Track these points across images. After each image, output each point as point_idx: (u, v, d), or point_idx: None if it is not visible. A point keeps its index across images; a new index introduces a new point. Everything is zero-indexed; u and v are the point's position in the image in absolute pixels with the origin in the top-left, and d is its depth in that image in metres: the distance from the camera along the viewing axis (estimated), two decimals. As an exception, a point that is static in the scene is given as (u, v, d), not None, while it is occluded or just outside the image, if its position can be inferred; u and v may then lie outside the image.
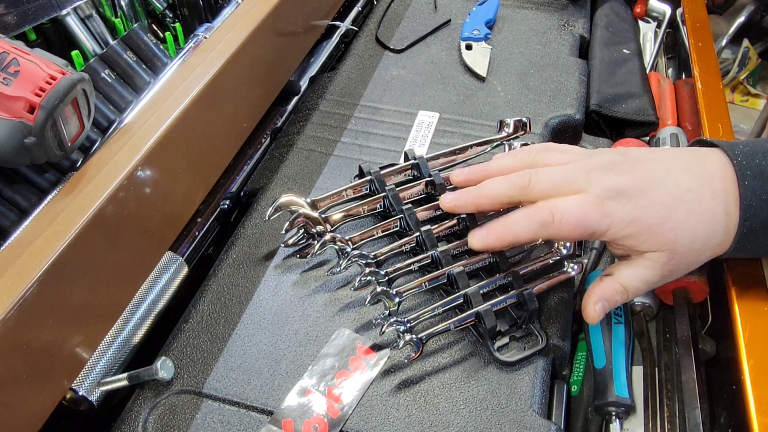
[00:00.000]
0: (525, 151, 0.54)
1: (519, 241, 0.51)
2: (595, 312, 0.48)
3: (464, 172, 0.56)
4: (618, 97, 0.75)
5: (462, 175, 0.56)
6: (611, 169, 0.48)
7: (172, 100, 0.53)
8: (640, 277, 0.48)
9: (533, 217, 0.48)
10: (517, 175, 0.51)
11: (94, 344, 0.47)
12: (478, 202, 0.53)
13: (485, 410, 0.47)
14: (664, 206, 0.46)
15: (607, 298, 0.49)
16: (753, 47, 1.79)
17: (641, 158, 0.50)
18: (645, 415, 0.51)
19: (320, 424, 0.46)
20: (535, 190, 0.49)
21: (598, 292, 0.49)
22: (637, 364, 0.54)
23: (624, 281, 0.49)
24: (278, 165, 0.67)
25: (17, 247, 0.41)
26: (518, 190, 0.50)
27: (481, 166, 0.56)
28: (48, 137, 0.44)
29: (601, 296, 0.49)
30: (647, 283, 0.48)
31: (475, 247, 0.52)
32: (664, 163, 0.49)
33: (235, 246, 0.59)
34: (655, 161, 0.49)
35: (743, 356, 0.45)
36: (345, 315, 0.54)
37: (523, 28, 0.87)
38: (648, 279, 0.48)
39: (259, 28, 0.62)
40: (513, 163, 0.53)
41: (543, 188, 0.49)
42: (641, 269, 0.48)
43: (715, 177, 0.47)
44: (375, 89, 0.76)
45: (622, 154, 0.50)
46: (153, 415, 0.48)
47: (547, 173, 0.50)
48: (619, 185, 0.47)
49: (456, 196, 0.54)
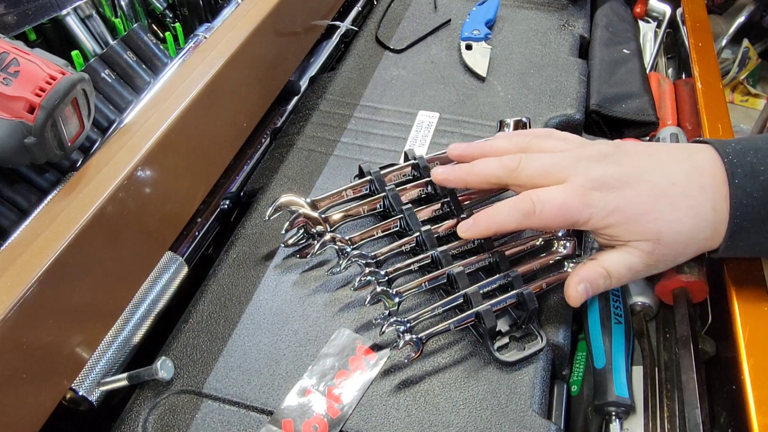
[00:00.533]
0: (523, 134, 0.56)
1: (503, 229, 0.52)
2: (577, 293, 0.49)
3: (461, 147, 0.57)
4: (618, 97, 0.75)
5: (458, 149, 0.57)
6: (600, 160, 0.49)
7: (172, 100, 0.53)
8: (625, 263, 0.48)
9: (516, 207, 0.49)
10: (508, 157, 0.52)
11: (94, 344, 0.47)
12: (468, 178, 0.54)
13: (485, 410, 0.47)
14: (647, 198, 0.47)
15: (590, 280, 0.49)
16: (753, 47, 1.79)
17: (632, 151, 0.51)
18: (645, 415, 0.51)
19: (320, 424, 0.46)
20: (523, 174, 0.50)
21: (581, 274, 0.49)
22: (637, 364, 0.54)
23: (607, 265, 0.49)
24: (278, 165, 0.67)
25: (17, 247, 0.41)
26: (507, 172, 0.51)
27: (478, 144, 0.57)
28: (48, 137, 0.44)
29: (584, 278, 0.49)
30: (631, 270, 0.49)
31: (462, 236, 0.53)
32: (653, 157, 0.50)
33: (235, 246, 0.59)
34: (645, 155, 0.50)
35: (743, 356, 0.45)
36: (345, 315, 0.54)
37: (523, 28, 0.87)
38: (632, 266, 0.48)
39: (259, 28, 0.62)
40: (509, 145, 0.55)
41: (530, 173, 0.50)
42: (625, 255, 0.48)
43: (704, 173, 0.47)
44: (375, 89, 0.76)
45: (614, 146, 0.51)
46: (153, 415, 0.48)
47: (537, 159, 0.51)
48: (603, 176, 0.48)
49: (447, 170, 0.55)
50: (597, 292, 0.49)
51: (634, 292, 0.58)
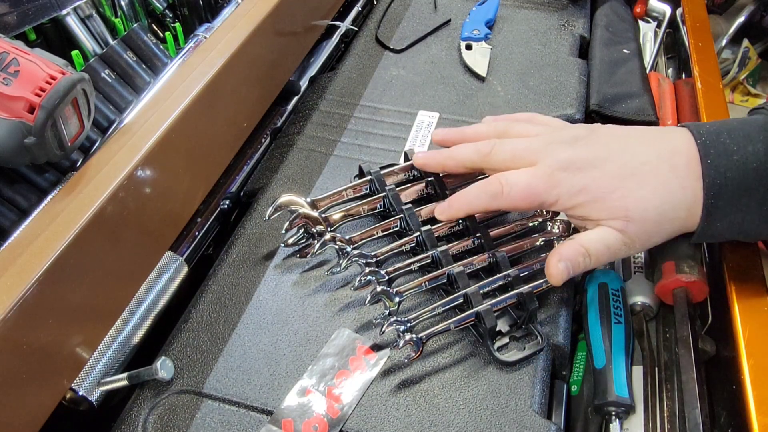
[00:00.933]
0: (503, 119, 0.58)
1: (474, 210, 0.54)
2: (558, 270, 0.49)
3: (443, 132, 0.59)
4: (618, 97, 0.75)
5: (440, 135, 0.59)
6: (572, 143, 0.50)
7: (172, 100, 0.53)
8: (602, 241, 0.49)
9: (485, 188, 0.51)
10: (483, 143, 0.54)
11: (94, 344, 0.47)
12: (446, 163, 0.56)
13: (485, 410, 0.47)
14: (613, 177, 0.48)
15: (570, 258, 0.49)
16: (753, 47, 1.79)
17: (606, 134, 0.52)
18: (645, 415, 0.51)
19: (320, 423, 0.46)
20: (495, 158, 0.52)
21: (561, 252, 0.50)
22: (637, 364, 0.54)
23: (586, 244, 0.49)
24: (278, 165, 0.67)
25: (17, 247, 0.41)
26: (480, 157, 0.53)
27: (458, 129, 0.59)
28: (48, 137, 0.44)
29: (564, 256, 0.49)
30: (609, 249, 0.49)
31: (439, 218, 0.55)
32: (626, 139, 0.51)
33: (235, 246, 0.59)
34: (618, 137, 0.51)
35: (743, 356, 0.45)
36: (345, 315, 0.54)
37: (523, 28, 0.87)
38: (609, 244, 0.49)
39: (259, 28, 0.62)
40: (487, 130, 0.57)
41: (502, 158, 0.52)
42: (601, 233, 0.49)
43: (677, 154, 0.48)
44: (375, 89, 0.76)
45: (589, 130, 0.52)
46: (153, 415, 0.48)
47: (510, 143, 0.52)
48: (571, 158, 0.49)
49: (427, 155, 0.58)
50: (578, 271, 0.50)
51: (634, 292, 0.58)
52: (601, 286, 0.56)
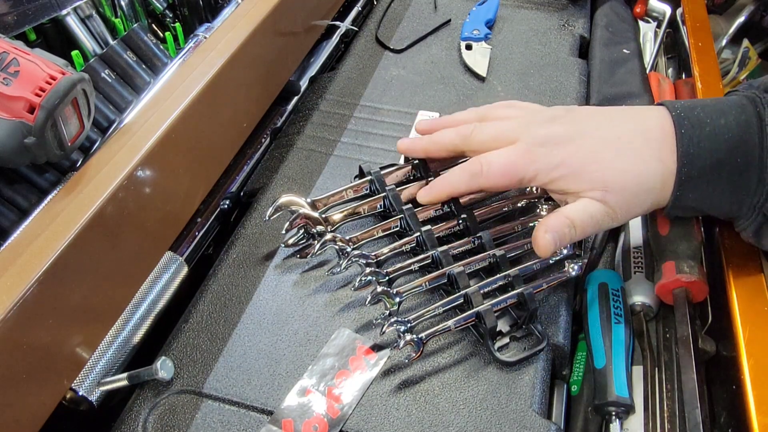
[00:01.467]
0: (485, 106, 0.59)
1: (456, 192, 0.55)
2: (545, 240, 0.49)
3: (427, 122, 0.61)
4: (618, 97, 0.75)
5: (424, 124, 0.61)
6: (550, 121, 0.52)
7: (172, 100, 0.53)
8: (586, 211, 0.49)
9: (465, 169, 0.53)
10: (464, 126, 0.56)
11: (94, 344, 0.47)
12: (429, 147, 0.58)
13: (485, 410, 0.47)
14: (590, 150, 0.49)
15: (556, 229, 0.49)
16: (753, 47, 1.79)
17: (583, 113, 0.53)
18: (645, 415, 0.51)
19: (320, 423, 0.46)
20: (476, 139, 0.54)
21: (547, 223, 0.50)
22: (637, 364, 0.54)
23: (569, 214, 0.50)
24: (278, 165, 0.67)
25: (17, 247, 0.41)
26: (461, 139, 0.55)
27: (442, 118, 0.61)
28: (48, 137, 0.44)
29: (550, 227, 0.50)
30: (593, 219, 0.49)
31: (422, 201, 0.56)
32: (602, 116, 0.52)
33: (235, 246, 0.59)
34: (596, 115, 0.52)
35: (743, 356, 0.45)
36: (345, 315, 0.54)
37: (523, 28, 0.87)
38: (593, 214, 0.49)
39: (259, 28, 0.62)
40: (468, 116, 0.58)
41: (482, 139, 0.53)
42: (584, 204, 0.50)
43: (652, 128, 0.49)
44: (375, 89, 0.76)
45: (567, 110, 0.53)
46: (153, 415, 0.48)
47: (490, 126, 0.54)
48: (548, 134, 0.50)
49: (410, 141, 0.59)
50: (564, 242, 0.50)
51: (634, 292, 0.58)
52: (601, 286, 0.56)
